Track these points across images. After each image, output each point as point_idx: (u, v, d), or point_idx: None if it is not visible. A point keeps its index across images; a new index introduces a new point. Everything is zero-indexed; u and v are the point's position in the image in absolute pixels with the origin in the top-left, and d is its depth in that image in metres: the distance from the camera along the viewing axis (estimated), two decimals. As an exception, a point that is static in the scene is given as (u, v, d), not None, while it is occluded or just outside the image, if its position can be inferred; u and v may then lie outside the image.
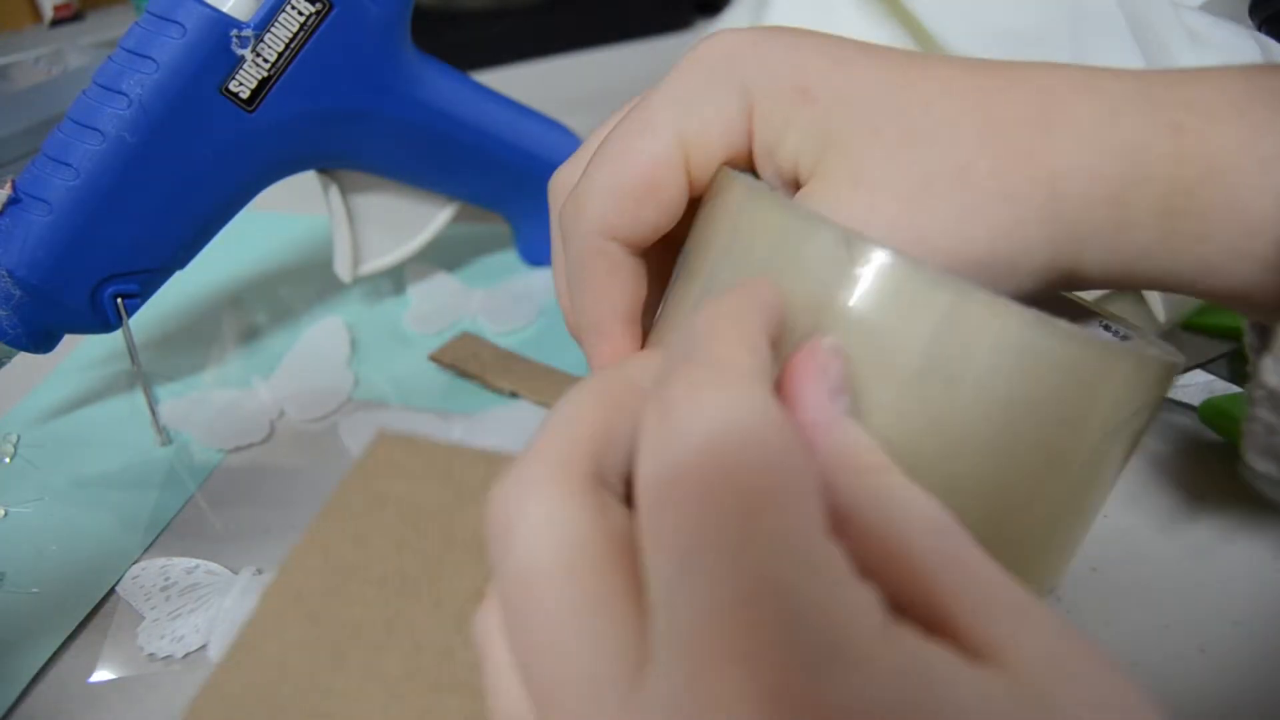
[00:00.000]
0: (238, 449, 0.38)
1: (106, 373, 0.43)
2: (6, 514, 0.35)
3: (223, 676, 0.26)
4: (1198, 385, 0.33)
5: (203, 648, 0.29)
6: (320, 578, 0.28)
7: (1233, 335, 0.34)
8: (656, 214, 0.20)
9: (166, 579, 0.31)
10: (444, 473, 0.32)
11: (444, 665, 0.26)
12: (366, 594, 0.27)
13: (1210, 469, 0.31)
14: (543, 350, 0.42)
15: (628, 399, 0.16)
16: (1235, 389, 0.33)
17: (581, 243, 0.21)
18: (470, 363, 0.41)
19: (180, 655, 0.29)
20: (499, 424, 0.37)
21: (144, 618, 0.30)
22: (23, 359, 0.45)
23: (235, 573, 0.31)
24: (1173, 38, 0.35)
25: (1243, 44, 0.35)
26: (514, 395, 0.39)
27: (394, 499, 0.30)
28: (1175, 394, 0.33)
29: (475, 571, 0.28)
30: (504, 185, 0.45)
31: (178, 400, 0.40)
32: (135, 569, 0.32)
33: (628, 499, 0.16)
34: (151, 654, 0.29)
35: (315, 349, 0.43)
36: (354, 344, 0.44)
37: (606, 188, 0.21)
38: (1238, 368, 0.35)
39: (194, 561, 0.32)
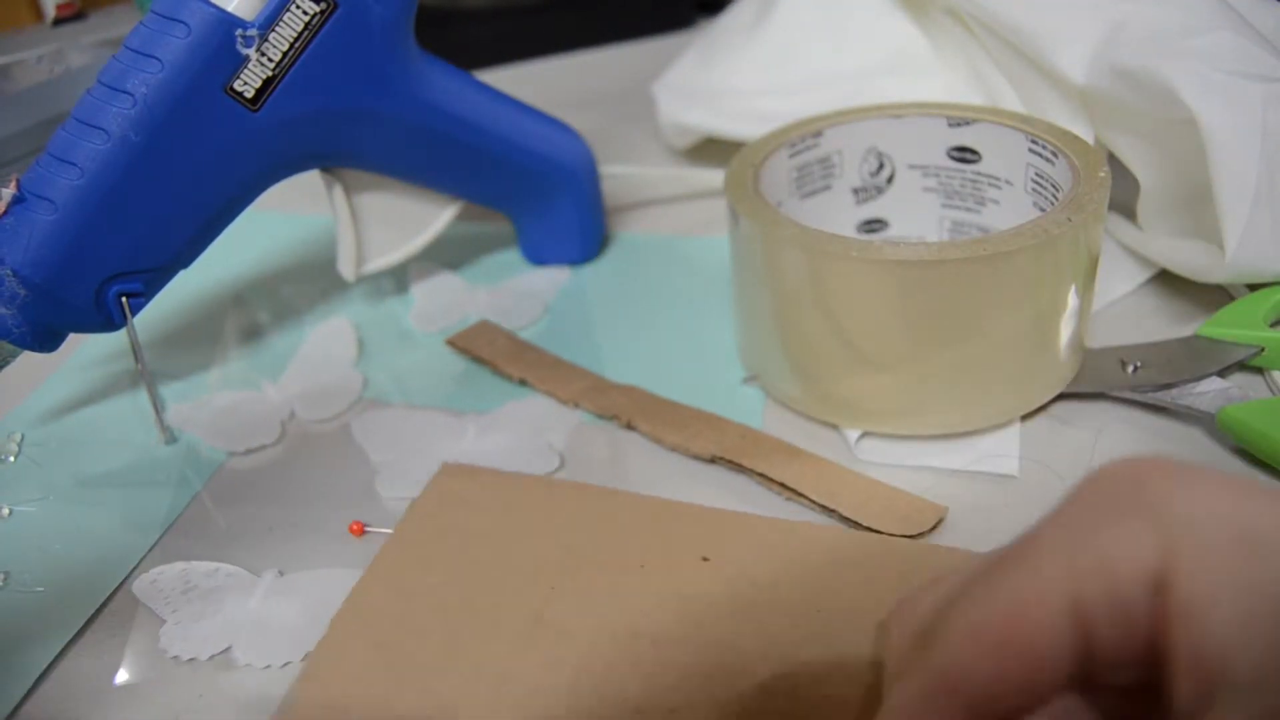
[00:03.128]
0: (249, 451, 0.38)
1: (110, 372, 0.43)
2: (11, 513, 0.35)
3: (296, 698, 0.26)
4: (1214, 392, 0.33)
5: (227, 649, 0.29)
6: (384, 606, 0.29)
7: (1248, 343, 0.34)
8: (1022, 674, 0.16)
9: (187, 582, 0.31)
10: (505, 501, 0.32)
11: (503, 687, 0.26)
12: (428, 621, 0.28)
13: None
14: (548, 348, 0.42)
15: None
16: (1252, 397, 0.32)
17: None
18: (484, 349, 0.41)
19: (205, 657, 0.29)
20: (511, 420, 0.37)
21: (164, 621, 0.30)
22: (27, 358, 0.45)
23: (257, 575, 0.31)
24: None
25: None
26: (523, 383, 0.39)
27: (456, 528, 0.31)
28: (1191, 402, 0.33)
29: (532, 594, 0.28)
30: (507, 184, 0.45)
31: (184, 404, 0.40)
32: (154, 572, 0.32)
33: None
34: (175, 656, 0.29)
35: (322, 349, 0.43)
36: (359, 343, 0.44)
37: (964, 630, 0.17)
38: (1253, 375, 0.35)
39: (214, 565, 0.32)
